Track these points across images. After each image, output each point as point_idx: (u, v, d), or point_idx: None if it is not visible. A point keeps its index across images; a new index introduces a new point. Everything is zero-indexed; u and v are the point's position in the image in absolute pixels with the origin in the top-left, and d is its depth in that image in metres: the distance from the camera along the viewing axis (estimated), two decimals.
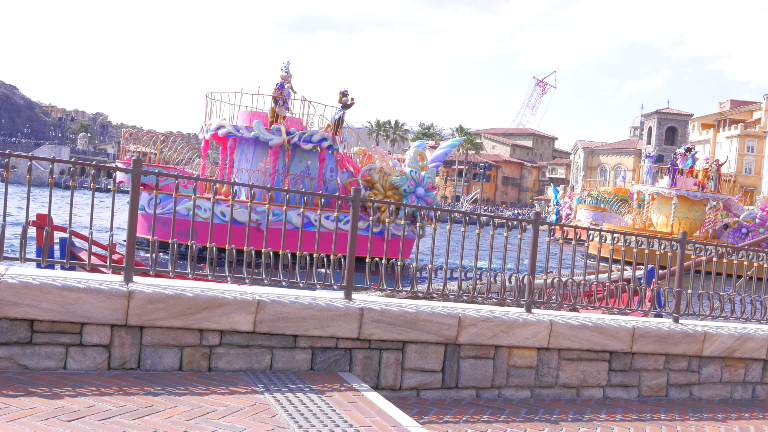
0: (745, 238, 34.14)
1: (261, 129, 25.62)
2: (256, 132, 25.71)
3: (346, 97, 26.62)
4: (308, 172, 26.46)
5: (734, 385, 7.65)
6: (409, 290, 6.64)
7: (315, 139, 26.11)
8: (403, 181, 25.72)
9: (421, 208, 6.88)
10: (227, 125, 26.43)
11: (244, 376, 5.46)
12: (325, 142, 26.26)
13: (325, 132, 26.52)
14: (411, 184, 25.71)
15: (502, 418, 5.84)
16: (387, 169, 26.16)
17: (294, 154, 26.28)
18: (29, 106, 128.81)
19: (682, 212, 37.88)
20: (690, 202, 38.03)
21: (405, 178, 25.79)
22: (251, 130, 25.85)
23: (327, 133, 26.39)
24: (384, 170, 25.98)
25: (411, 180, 25.78)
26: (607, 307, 7.39)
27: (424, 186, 26.03)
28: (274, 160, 25.97)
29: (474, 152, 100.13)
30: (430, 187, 26.37)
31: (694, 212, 37.88)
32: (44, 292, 4.99)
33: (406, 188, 25.59)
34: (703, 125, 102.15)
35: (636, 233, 7.53)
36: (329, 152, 26.65)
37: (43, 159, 5.67)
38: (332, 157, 26.84)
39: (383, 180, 25.78)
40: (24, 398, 4.42)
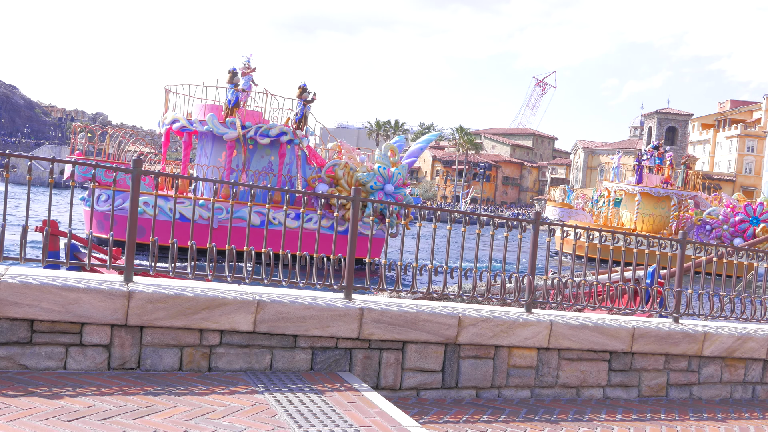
0: (708, 235, 34.12)
1: (215, 122, 24.24)
2: (209, 125, 24.30)
3: (306, 93, 25.25)
4: (271, 168, 25.10)
5: (734, 385, 7.65)
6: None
7: (273, 134, 24.56)
8: (369, 177, 24.19)
9: (422, 208, 6.88)
10: (181, 119, 25.03)
11: (244, 376, 5.46)
12: (285, 136, 24.68)
13: (284, 126, 24.98)
14: (379, 181, 24.19)
15: (502, 418, 5.84)
16: (354, 164, 24.68)
17: (255, 149, 24.90)
18: (29, 106, 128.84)
19: (647, 209, 37.89)
20: (655, 200, 38.04)
21: (372, 174, 24.26)
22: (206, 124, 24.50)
23: (287, 127, 24.89)
24: (350, 166, 24.49)
25: (379, 176, 24.24)
26: (609, 307, 7.39)
27: (394, 183, 24.50)
28: (229, 155, 24.54)
29: (474, 152, 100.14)
30: (401, 183, 24.85)
31: (660, 209, 37.89)
32: (44, 292, 4.99)
33: (373, 185, 24.08)
34: (703, 125, 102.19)
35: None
36: (290, 147, 25.20)
37: (43, 159, 5.67)
38: (294, 152, 25.41)
39: (348, 176, 24.23)
40: (24, 398, 4.42)
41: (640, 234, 9.46)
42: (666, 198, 37.74)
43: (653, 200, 38.06)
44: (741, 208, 34.64)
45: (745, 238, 32.96)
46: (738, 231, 33.75)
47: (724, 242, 31.98)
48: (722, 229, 33.83)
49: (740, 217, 34.20)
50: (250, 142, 24.31)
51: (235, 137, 24.21)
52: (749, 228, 33.73)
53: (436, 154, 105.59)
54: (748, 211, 34.21)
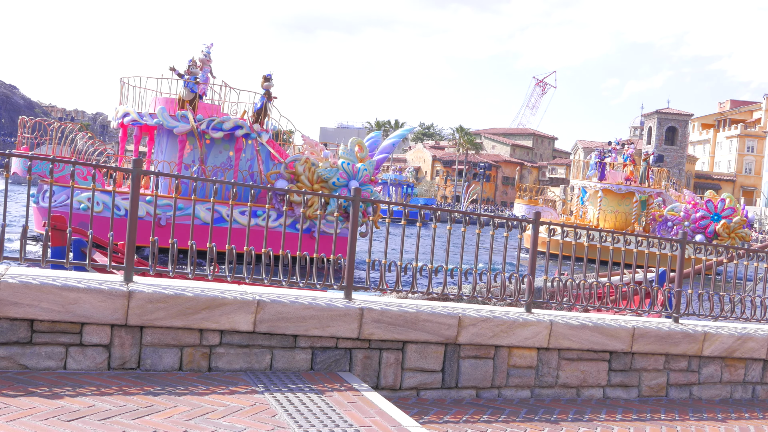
0: (670, 231, 34.06)
1: (164, 116, 23.01)
2: (159, 119, 23.10)
3: (268, 83, 24.36)
4: (230, 163, 23.93)
5: (734, 385, 7.65)
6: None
7: (226, 127, 23.31)
8: (331, 173, 23.00)
9: (422, 208, 6.87)
10: (132, 112, 23.92)
11: (244, 376, 5.46)
12: (240, 130, 23.46)
13: (240, 119, 23.79)
14: (342, 177, 22.95)
15: (502, 418, 5.84)
16: (316, 159, 23.50)
17: (213, 144, 23.80)
18: (29, 106, 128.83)
19: (612, 206, 37.94)
20: (619, 196, 38.04)
21: (335, 170, 23.08)
22: (156, 117, 23.27)
23: (242, 121, 23.69)
24: (311, 161, 23.25)
25: (342, 172, 23.00)
26: (611, 307, 7.39)
27: (359, 179, 23.14)
28: (181, 149, 23.38)
29: (474, 152, 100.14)
30: (368, 180, 23.50)
31: (624, 206, 37.85)
32: (44, 291, 4.99)
33: (336, 181, 22.88)
34: (703, 125, 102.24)
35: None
36: (247, 141, 24.02)
37: (43, 159, 5.67)
38: (251, 146, 24.20)
39: (309, 172, 22.99)
40: (24, 398, 4.42)
41: (639, 234, 9.42)
42: (629, 195, 37.77)
43: (617, 197, 38.07)
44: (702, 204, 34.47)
45: (707, 234, 32.85)
46: (699, 227, 33.54)
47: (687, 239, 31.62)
48: (684, 226, 33.73)
49: (701, 214, 33.99)
50: (207, 136, 23.33)
51: (186, 131, 23.05)
52: (710, 224, 33.55)
53: (436, 154, 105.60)
54: (709, 208, 34.04)
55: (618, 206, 37.70)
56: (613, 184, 37.95)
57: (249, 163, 24.35)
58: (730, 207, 33.96)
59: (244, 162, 24.23)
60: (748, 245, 28.85)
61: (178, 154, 23.29)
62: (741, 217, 33.63)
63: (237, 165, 23.59)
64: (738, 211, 33.99)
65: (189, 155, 23.54)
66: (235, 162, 23.63)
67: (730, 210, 33.83)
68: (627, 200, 37.74)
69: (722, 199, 34.65)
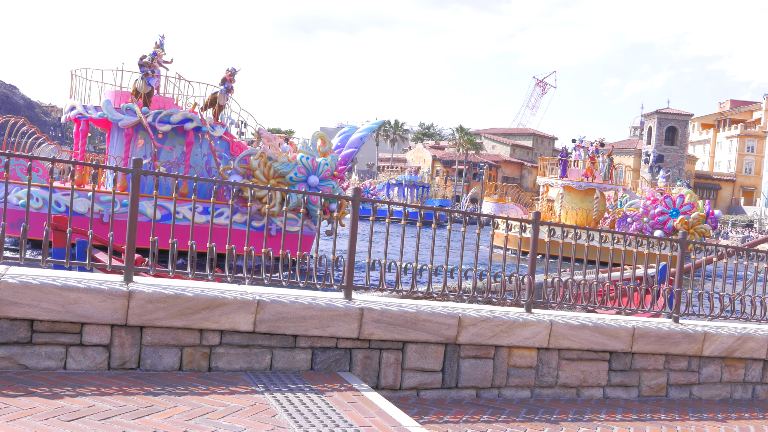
0: (629, 227, 34.01)
1: (109, 109, 22.05)
2: (104, 112, 22.18)
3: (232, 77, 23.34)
4: (184, 159, 22.90)
5: (734, 385, 7.65)
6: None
7: (174, 120, 22.20)
8: (289, 168, 21.87)
9: (422, 208, 6.86)
10: (78, 106, 22.93)
11: (244, 376, 5.46)
12: (190, 123, 22.31)
13: (190, 112, 22.71)
14: (301, 172, 21.86)
15: (502, 418, 5.84)
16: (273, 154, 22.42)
17: (166, 138, 22.69)
18: (29, 106, 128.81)
19: (574, 203, 38.19)
20: (582, 193, 38.31)
21: (293, 164, 21.96)
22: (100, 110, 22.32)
23: (193, 113, 22.61)
24: (267, 155, 22.18)
25: (301, 167, 21.93)
26: (611, 307, 7.39)
27: (320, 174, 22.13)
28: (127, 143, 22.53)
29: (474, 152, 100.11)
30: (329, 175, 22.42)
31: (586, 203, 38.09)
32: (44, 291, 4.99)
33: (293, 176, 21.79)
34: (703, 125, 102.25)
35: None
36: (200, 136, 22.93)
37: (43, 159, 5.67)
38: (204, 141, 23.08)
39: (265, 167, 21.87)
40: (24, 398, 4.42)
41: (639, 234, 9.41)
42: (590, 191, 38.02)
43: (580, 194, 38.34)
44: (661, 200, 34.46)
45: (665, 230, 32.82)
46: (658, 223, 33.48)
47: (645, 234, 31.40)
48: (642, 222, 33.70)
49: (660, 209, 33.92)
50: (161, 131, 22.37)
51: (132, 124, 22.11)
52: (669, 220, 33.49)
53: (436, 154, 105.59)
54: (668, 203, 34.00)
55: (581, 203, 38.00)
56: (573, 181, 38.25)
57: (206, 159, 23.27)
58: (689, 203, 33.93)
59: (200, 157, 23.27)
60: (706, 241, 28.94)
61: (125, 149, 22.56)
62: (699, 213, 33.55)
63: (188, 159, 22.51)
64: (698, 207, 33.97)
65: (141, 150, 22.65)
66: (186, 156, 22.59)
67: (689, 206, 33.80)
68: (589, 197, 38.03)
69: (681, 195, 34.63)
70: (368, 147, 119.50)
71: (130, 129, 22.29)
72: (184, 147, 22.74)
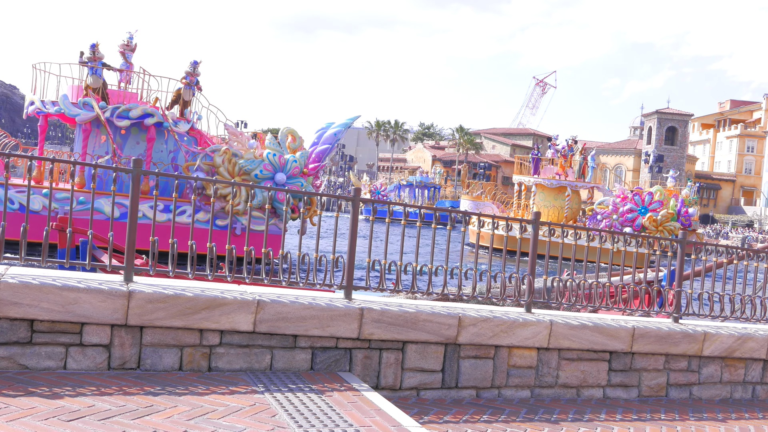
0: (599, 224, 34.05)
1: (66, 103, 21.42)
2: (60, 106, 21.53)
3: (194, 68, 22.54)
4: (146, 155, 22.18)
5: (734, 385, 7.65)
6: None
7: (133, 115, 21.47)
8: (254, 164, 21.19)
9: (423, 208, 6.87)
10: (36, 101, 22.23)
11: (244, 376, 5.46)
12: (151, 118, 21.57)
13: (151, 107, 21.93)
14: (267, 169, 21.12)
15: (502, 418, 5.85)
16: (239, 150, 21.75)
17: (129, 133, 22.08)
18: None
19: (548, 201, 38.41)
20: (555, 191, 38.54)
21: (258, 161, 21.25)
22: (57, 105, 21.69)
23: (153, 108, 21.83)
24: (232, 152, 21.47)
25: (268, 164, 21.21)
26: (611, 307, 7.39)
27: (288, 172, 21.35)
28: (84, 139, 21.88)
29: (474, 152, 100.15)
30: (298, 173, 21.60)
31: (559, 201, 38.34)
32: (44, 291, 4.99)
33: (259, 173, 21.03)
34: (703, 125, 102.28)
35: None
36: (160, 131, 22.17)
37: (43, 159, 5.68)
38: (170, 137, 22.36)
39: (230, 164, 21.25)
40: (24, 398, 4.42)
41: (640, 235, 9.41)
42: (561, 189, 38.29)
43: (553, 192, 38.61)
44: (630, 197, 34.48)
45: (634, 227, 32.86)
46: (627, 221, 33.56)
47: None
48: (612, 219, 33.76)
49: (629, 207, 33.99)
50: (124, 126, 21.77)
51: (89, 119, 21.43)
52: (637, 217, 33.58)
53: (436, 154, 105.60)
54: (636, 201, 34.06)
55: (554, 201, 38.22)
56: (544, 178, 38.52)
57: (172, 155, 22.54)
58: (658, 200, 33.99)
59: (165, 153, 22.57)
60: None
61: (83, 144, 22.06)
62: (669, 211, 33.59)
63: (149, 156, 21.75)
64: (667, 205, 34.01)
65: (102, 146, 22.11)
66: (147, 153, 21.86)
67: (658, 203, 33.87)
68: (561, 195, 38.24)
69: (649, 193, 34.74)
70: (368, 147, 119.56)
71: (88, 124, 21.73)
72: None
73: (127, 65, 22.70)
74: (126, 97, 22.66)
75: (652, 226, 32.71)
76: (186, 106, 22.77)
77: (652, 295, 7.49)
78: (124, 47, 22.51)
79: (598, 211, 35.06)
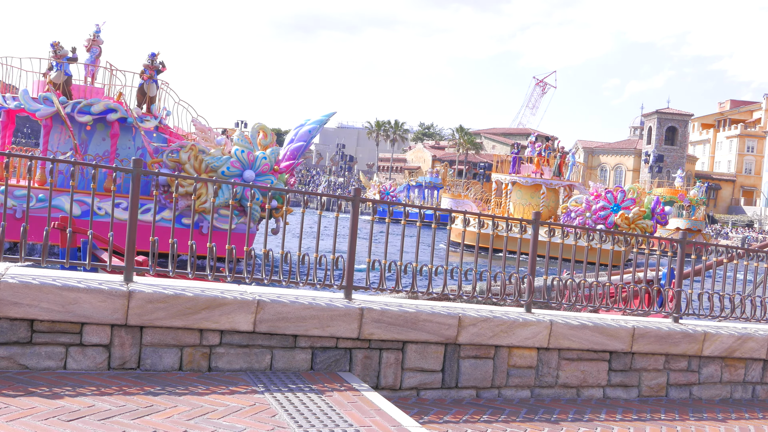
0: (572, 221, 34.02)
1: (26, 99, 20.96)
2: (20, 101, 21.12)
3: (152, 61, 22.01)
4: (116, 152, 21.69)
5: (734, 385, 7.65)
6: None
7: (95, 110, 20.90)
8: (221, 161, 20.67)
9: (424, 208, 6.87)
10: None
11: (244, 376, 5.46)
12: (113, 114, 21.00)
13: (114, 102, 21.40)
14: (234, 166, 20.61)
15: (502, 418, 5.85)
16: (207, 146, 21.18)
17: (95, 130, 21.55)
18: None
19: (524, 199, 38.77)
20: (532, 189, 38.80)
21: (225, 158, 20.77)
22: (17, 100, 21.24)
23: (117, 104, 21.30)
24: (198, 148, 20.93)
25: (236, 161, 20.72)
26: (611, 307, 7.39)
27: (257, 169, 20.82)
28: (45, 135, 21.43)
29: (474, 152, 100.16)
30: (268, 170, 21.04)
31: (536, 198, 38.58)
32: (44, 291, 4.99)
33: (226, 170, 20.55)
34: (703, 125, 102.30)
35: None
36: (126, 127, 21.59)
37: (43, 159, 5.68)
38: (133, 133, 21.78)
39: (196, 160, 20.65)
40: (24, 398, 4.42)
41: (640, 235, 9.41)
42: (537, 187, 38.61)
43: (530, 190, 38.91)
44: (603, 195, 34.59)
45: (606, 225, 32.91)
46: (599, 218, 33.63)
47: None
48: (585, 217, 33.86)
49: (601, 204, 34.07)
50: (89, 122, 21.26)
51: (49, 114, 20.93)
52: (610, 215, 33.64)
53: (436, 154, 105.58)
54: (609, 199, 34.16)
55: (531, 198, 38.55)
56: (519, 176, 38.90)
57: (140, 152, 21.77)
58: (630, 198, 34.05)
59: (133, 150, 21.89)
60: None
61: (44, 140, 21.67)
62: (641, 209, 33.63)
63: (113, 152, 21.33)
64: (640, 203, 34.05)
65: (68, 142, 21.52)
66: (111, 149, 21.43)
67: (630, 201, 33.93)
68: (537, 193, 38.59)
69: (622, 190, 34.87)
70: (368, 147, 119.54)
71: (49, 120, 21.29)
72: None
73: (93, 60, 22.30)
74: (90, 92, 22.20)
75: (624, 224, 32.83)
76: (152, 102, 22.22)
77: (651, 295, 7.49)
78: (90, 41, 22.10)
79: (571, 208, 35.21)
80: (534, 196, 38.61)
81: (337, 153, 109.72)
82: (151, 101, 22.20)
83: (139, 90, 22.23)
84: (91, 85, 22.61)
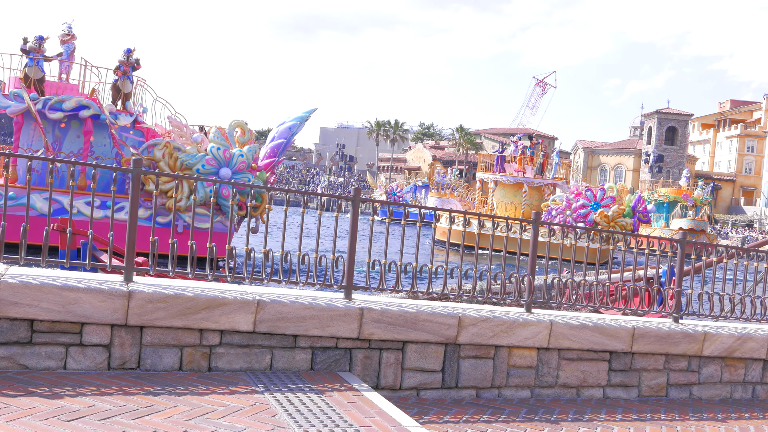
0: (553, 219, 34.15)
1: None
2: None
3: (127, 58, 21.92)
4: (91, 149, 21.44)
5: (734, 385, 7.65)
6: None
7: (68, 107, 20.73)
8: (196, 159, 20.49)
9: (424, 208, 6.86)
10: None
11: (244, 375, 5.46)
12: (86, 110, 20.85)
13: (87, 98, 21.21)
14: (210, 164, 20.40)
15: (502, 418, 5.85)
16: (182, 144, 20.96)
17: (69, 127, 21.32)
18: None
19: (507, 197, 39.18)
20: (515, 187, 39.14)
21: (201, 155, 20.56)
22: None
23: (90, 100, 21.09)
24: (173, 146, 20.73)
25: (211, 158, 20.51)
26: (610, 307, 7.39)
27: (233, 166, 20.65)
28: (16, 132, 21.07)
29: (474, 152, 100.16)
30: (245, 167, 20.88)
31: (518, 197, 38.96)
32: (44, 291, 4.99)
33: (201, 168, 20.33)
34: (703, 125, 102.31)
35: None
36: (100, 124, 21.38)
37: (43, 159, 5.67)
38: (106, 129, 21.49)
39: (170, 158, 20.53)
40: (24, 398, 4.42)
41: (640, 235, 9.42)
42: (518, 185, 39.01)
43: (513, 188, 39.29)
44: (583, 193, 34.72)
45: (586, 223, 33.06)
46: (579, 216, 33.79)
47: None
48: (565, 215, 33.97)
49: (581, 202, 34.20)
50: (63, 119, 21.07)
51: (20, 111, 20.74)
52: (589, 213, 33.78)
53: (436, 154, 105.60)
54: (589, 197, 34.31)
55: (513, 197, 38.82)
56: (501, 175, 39.32)
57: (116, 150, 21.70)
58: (610, 196, 34.20)
59: (109, 148, 21.71)
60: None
61: (14, 137, 21.33)
62: (621, 207, 33.74)
63: (86, 150, 21.12)
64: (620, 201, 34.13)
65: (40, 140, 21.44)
66: (84, 146, 21.24)
67: (610, 199, 34.07)
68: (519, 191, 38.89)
69: (601, 188, 35.06)
70: (368, 147, 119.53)
71: (20, 117, 20.99)
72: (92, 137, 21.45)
73: (67, 56, 22.10)
74: (63, 88, 21.99)
75: (604, 222, 32.94)
76: (127, 99, 21.99)
77: (651, 294, 7.49)
78: (64, 36, 21.86)
79: (552, 206, 35.32)
80: (516, 195, 38.93)
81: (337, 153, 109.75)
82: (126, 98, 21.97)
83: (114, 86, 22.01)
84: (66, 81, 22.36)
